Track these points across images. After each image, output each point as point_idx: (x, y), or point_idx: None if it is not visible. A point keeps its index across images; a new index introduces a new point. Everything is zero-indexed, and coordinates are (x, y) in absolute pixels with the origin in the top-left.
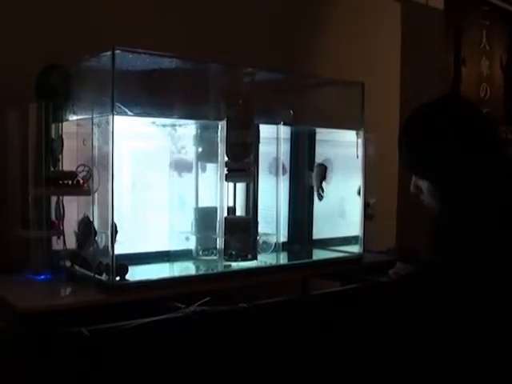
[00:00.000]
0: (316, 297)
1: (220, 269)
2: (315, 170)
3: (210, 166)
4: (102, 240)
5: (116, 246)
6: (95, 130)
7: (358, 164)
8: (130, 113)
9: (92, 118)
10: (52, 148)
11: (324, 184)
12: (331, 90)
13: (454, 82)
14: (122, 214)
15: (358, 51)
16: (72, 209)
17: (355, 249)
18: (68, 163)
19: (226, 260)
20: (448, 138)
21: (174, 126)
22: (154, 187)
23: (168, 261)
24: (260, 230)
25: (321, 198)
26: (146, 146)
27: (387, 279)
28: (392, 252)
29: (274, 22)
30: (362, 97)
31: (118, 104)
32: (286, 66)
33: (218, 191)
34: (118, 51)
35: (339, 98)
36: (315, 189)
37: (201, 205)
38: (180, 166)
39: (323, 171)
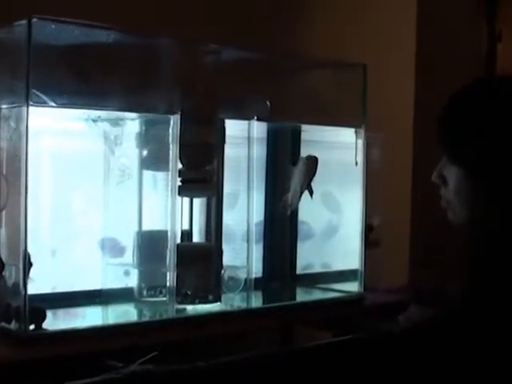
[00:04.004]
0: (302, 351)
1: (171, 314)
2: (302, 163)
3: (158, 176)
4: (10, 275)
5: (30, 283)
6: (3, 125)
7: (358, 173)
8: (51, 103)
9: None
10: None
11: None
12: (323, 75)
13: (487, 62)
14: (39, 240)
15: (359, 24)
16: None
17: (354, 287)
18: None
19: (180, 302)
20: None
21: (110, 120)
22: (83, 204)
23: (100, 303)
24: (225, 261)
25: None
26: (73, 147)
27: (397, 327)
28: (404, 291)
29: None
30: (363, 83)
31: (34, 91)
32: (264, 44)
33: (168, 209)
34: (35, 20)
35: (333, 86)
36: (297, 189)
37: (145, 228)
38: (118, 176)
39: (314, 166)
